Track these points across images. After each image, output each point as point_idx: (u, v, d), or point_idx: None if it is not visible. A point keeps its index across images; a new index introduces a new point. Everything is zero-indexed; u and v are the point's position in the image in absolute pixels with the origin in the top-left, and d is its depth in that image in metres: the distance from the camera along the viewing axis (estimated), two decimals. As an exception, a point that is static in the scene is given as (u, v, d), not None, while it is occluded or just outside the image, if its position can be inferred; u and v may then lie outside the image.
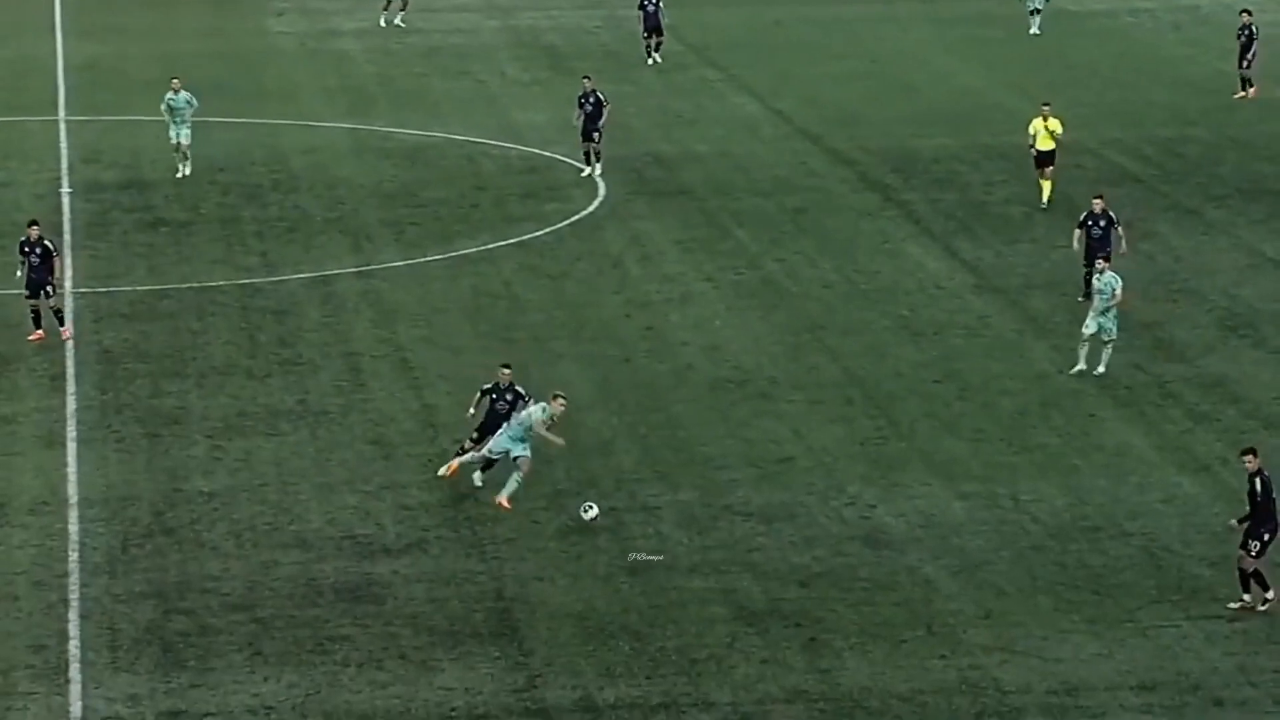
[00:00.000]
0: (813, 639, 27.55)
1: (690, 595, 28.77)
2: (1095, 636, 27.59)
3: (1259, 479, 27.98)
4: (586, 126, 49.65)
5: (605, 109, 49.66)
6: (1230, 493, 31.32)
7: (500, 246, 45.13)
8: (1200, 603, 28.49)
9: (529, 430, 31.19)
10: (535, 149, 52.93)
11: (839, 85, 60.31)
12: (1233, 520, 28.53)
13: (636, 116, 55.95)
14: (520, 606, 28.50)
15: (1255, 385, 36.78)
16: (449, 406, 35.67)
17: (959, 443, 34.18)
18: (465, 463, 31.80)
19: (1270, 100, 58.04)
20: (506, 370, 32.37)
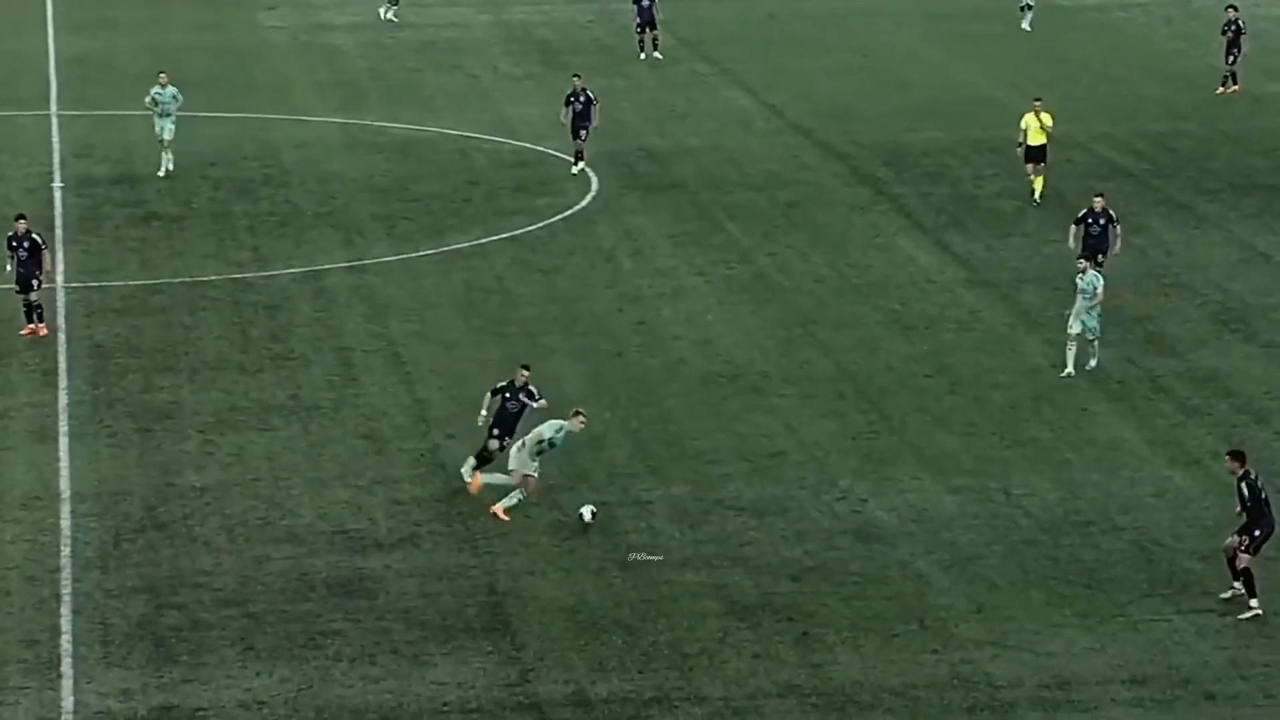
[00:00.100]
0: (805, 633, 27.56)
1: (682, 590, 28.78)
2: (1087, 630, 27.61)
3: (1244, 484, 27.89)
4: (575, 124, 49.51)
5: (595, 107, 49.52)
6: (1222, 487, 31.31)
7: (492, 241, 45.11)
8: (1191, 597, 28.51)
9: (540, 449, 30.49)
10: (527, 144, 52.90)
11: (831, 79, 60.31)
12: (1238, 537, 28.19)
13: (629, 111, 55.93)
14: (512, 601, 28.50)
15: (1247, 379, 36.81)
16: (441, 401, 35.68)
17: (950, 437, 34.20)
18: (490, 484, 30.91)
19: (1262, 95, 58.07)
20: (526, 371, 31.97)
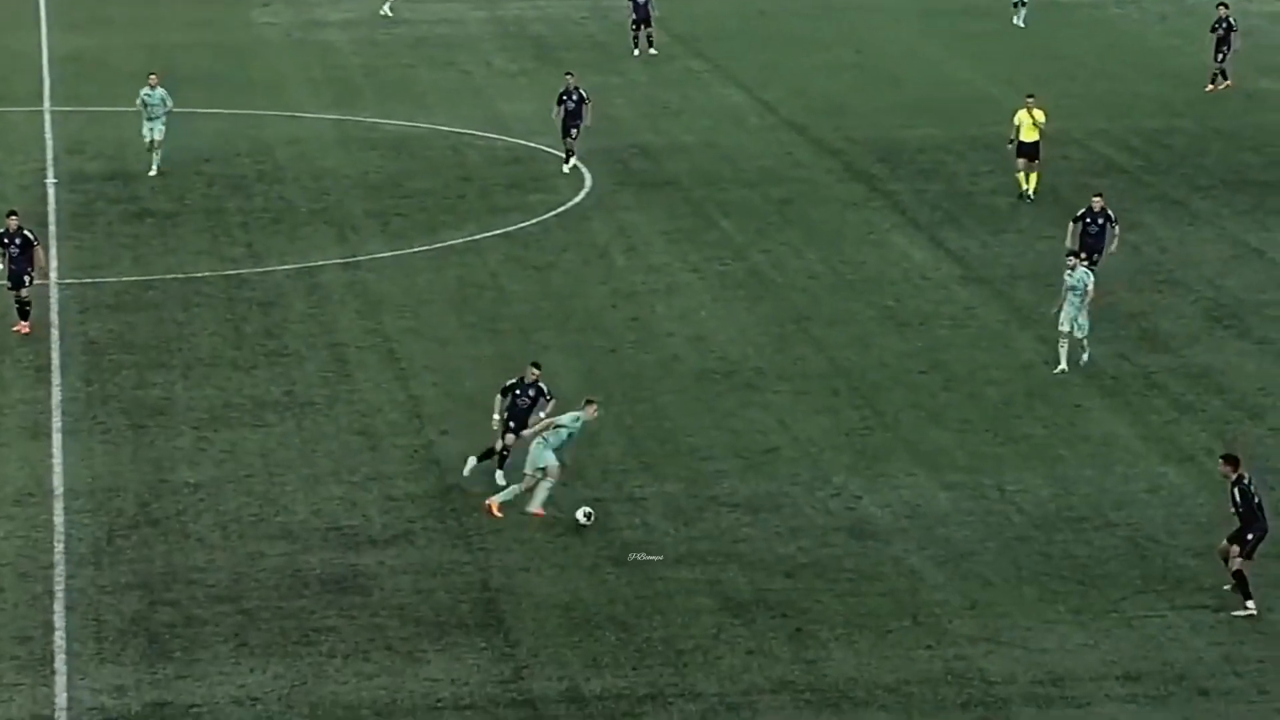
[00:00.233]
0: (799, 629, 27.56)
1: (676, 586, 28.77)
2: (1080, 626, 27.62)
3: (1236, 489, 27.87)
4: (566, 123, 49.38)
5: (587, 106, 49.43)
6: (1215, 483, 31.31)
7: (486, 237, 45.09)
8: (1185, 593, 28.52)
9: (564, 441, 30.42)
10: (521, 140, 52.88)
11: (825, 76, 60.30)
12: (1235, 548, 28.08)
13: (623, 107, 55.92)
14: (506, 597, 28.49)
15: (1240, 376, 36.83)
16: (435, 397, 35.67)
17: (944, 433, 34.20)
18: (506, 501, 30.57)
19: (1255, 91, 58.10)
20: (536, 370, 31.86)
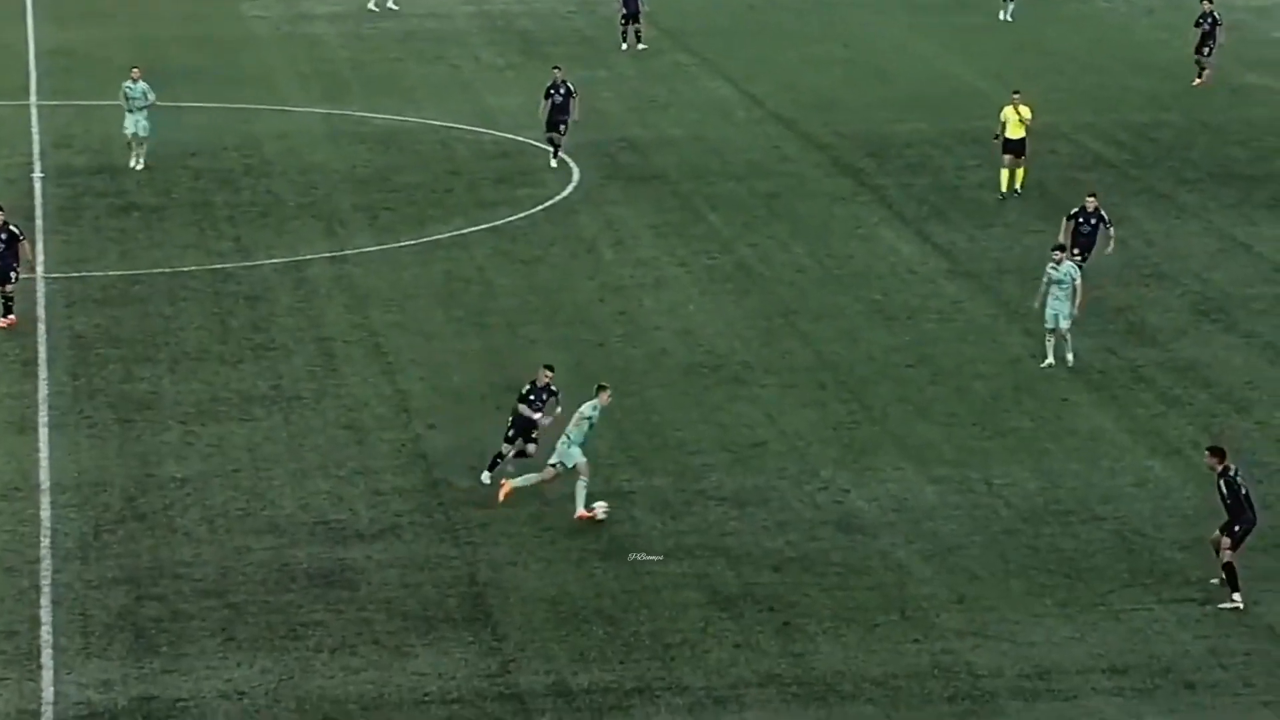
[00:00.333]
0: (786, 623, 27.57)
1: (664, 580, 28.78)
2: (1067, 620, 27.65)
3: (1223, 480, 27.91)
4: (554, 117, 49.27)
5: (574, 100, 49.36)
6: (1202, 477, 31.36)
7: (474, 231, 45.07)
8: (1172, 586, 28.56)
9: (586, 435, 30.35)
10: (509, 134, 52.85)
11: (813, 70, 60.30)
12: (1225, 539, 28.10)
13: (610, 101, 55.89)
14: (493, 591, 28.49)
15: (1227, 369, 36.88)
16: (422, 392, 35.66)
17: (932, 427, 34.22)
18: (520, 487, 30.60)
19: (1240, 85, 58.15)
20: (549, 372, 31.85)
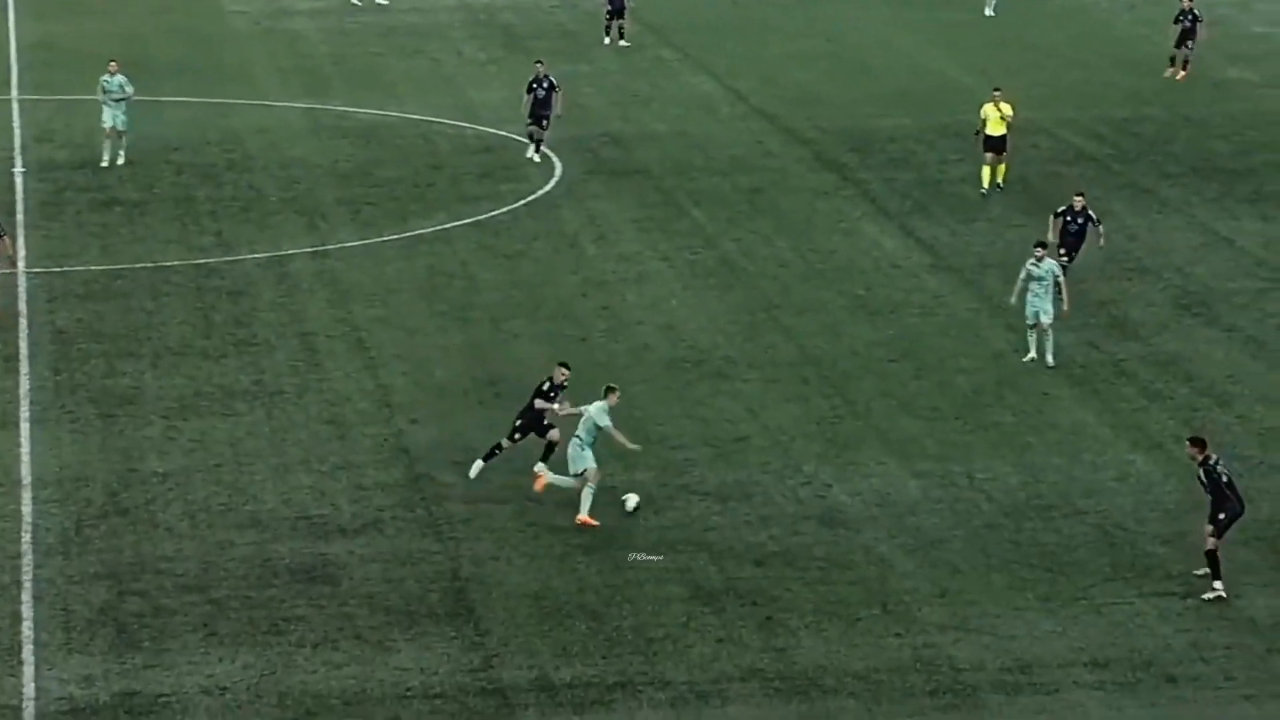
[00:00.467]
0: (769, 618, 27.59)
1: (646, 575, 28.79)
2: (1049, 614, 27.70)
3: (1202, 470, 27.97)
4: (536, 111, 49.15)
5: (557, 94, 49.28)
6: (1184, 470, 31.44)
7: (456, 226, 45.04)
8: (1153, 580, 28.61)
9: (595, 435, 30.27)
10: (491, 128, 52.82)
11: (796, 65, 60.31)
12: (1209, 527, 28.20)
13: (593, 96, 55.87)
14: (476, 586, 28.48)
15: (1208, 363, 36.95)
16: (404, 386, 35.64)
17: (914, 421, 34.26)
18: (555, 485, 30.47)
19: (1223, 79, 58.25)
20: (565, 370, 31.73)
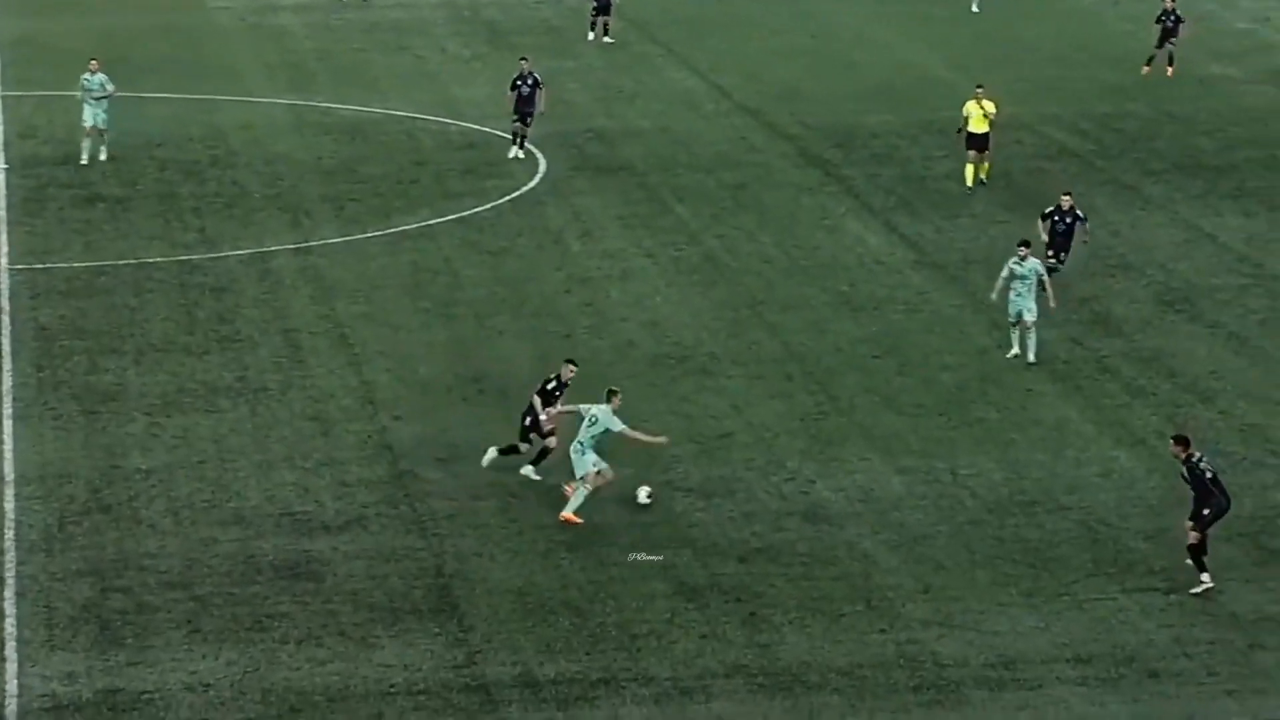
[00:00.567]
0: (752, 614, 27.60)
1: (630, 571, 28.79)
2: (1032, 609, 27.73)
3: (1185, 467, 28.03)
4: (520, 108, 49.02)
5: (541, 91, 49.21)
6: (1167, 466, 31.48)
7: (440, 222, 45.01)
8: (1136, 575, 28.66)
9: (598, 439, 30.12)
10: (475, 125, 52.79)
11: (780, 61, 60.33)
12: (1190, 522, 28.30)
13: (577, 92, 55.87)
14: (460, 583, 28.47)
15: (1191, 359, 37.01)
16: (388, 383, 35.61)
17: (898, 418, 34.28)
18: (579, 507, 30.11)
19: (1207, 76, 58.32)
20: (573, 367, 31.66)
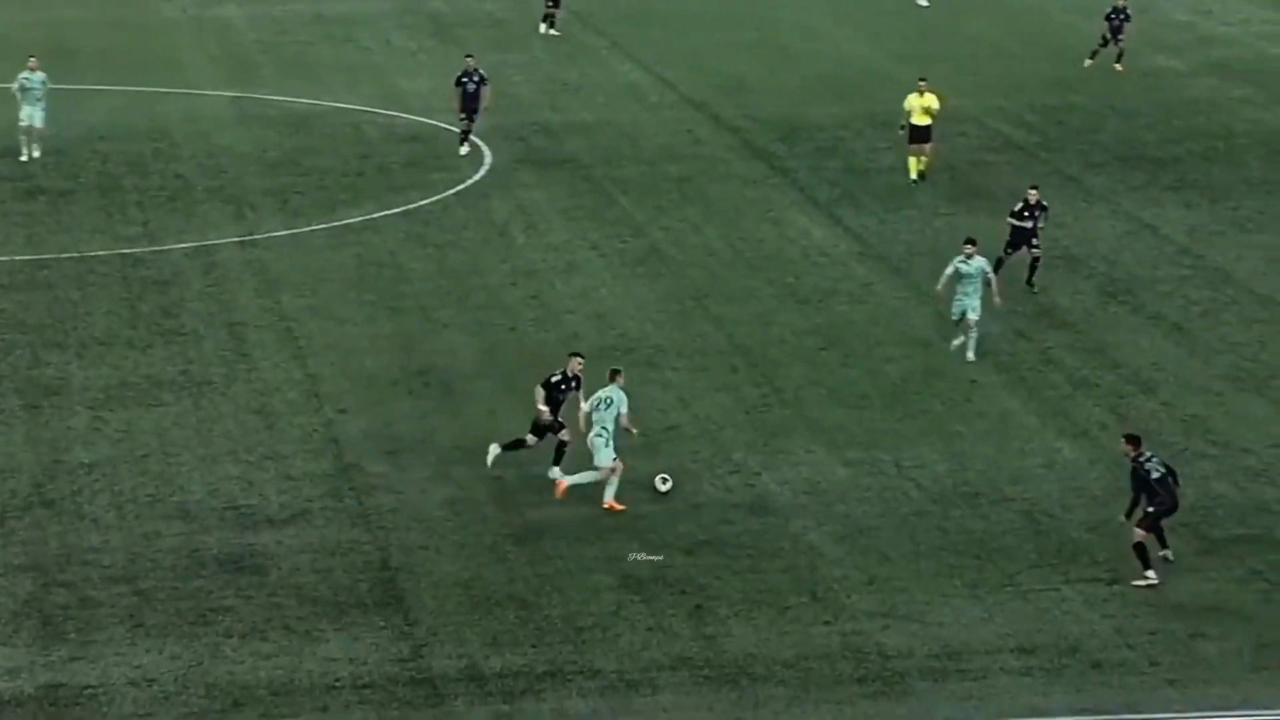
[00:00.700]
0: (698, 606, 27.64)
1: (576, 564, 28.79)
2: (976, 600, 27.84)
3: (1133, 466, 28.13)
4: (466, 105, 48.74)
5: (486, 88, 48.97)
6: (1110, 458, 31.67)
7: (385, 215, 44.90)
8: (1079, 566, 28.80)
9: (617, 424, 30.10)
10: (420, 117, 52.68)
11: (725, 53, 60.36)
12: (1121, 516, 28.64)
13: (522, 85, 55.79)
14: (405, 576, 28.43)
15: (1134, 351, 37.20)
16: (333, 376, 35.52)
17: (843, 409, 34.37)
18: (577, 484, 30.28)
19: (1151, 68, 58.60)
20: (580, 359, 31.51)
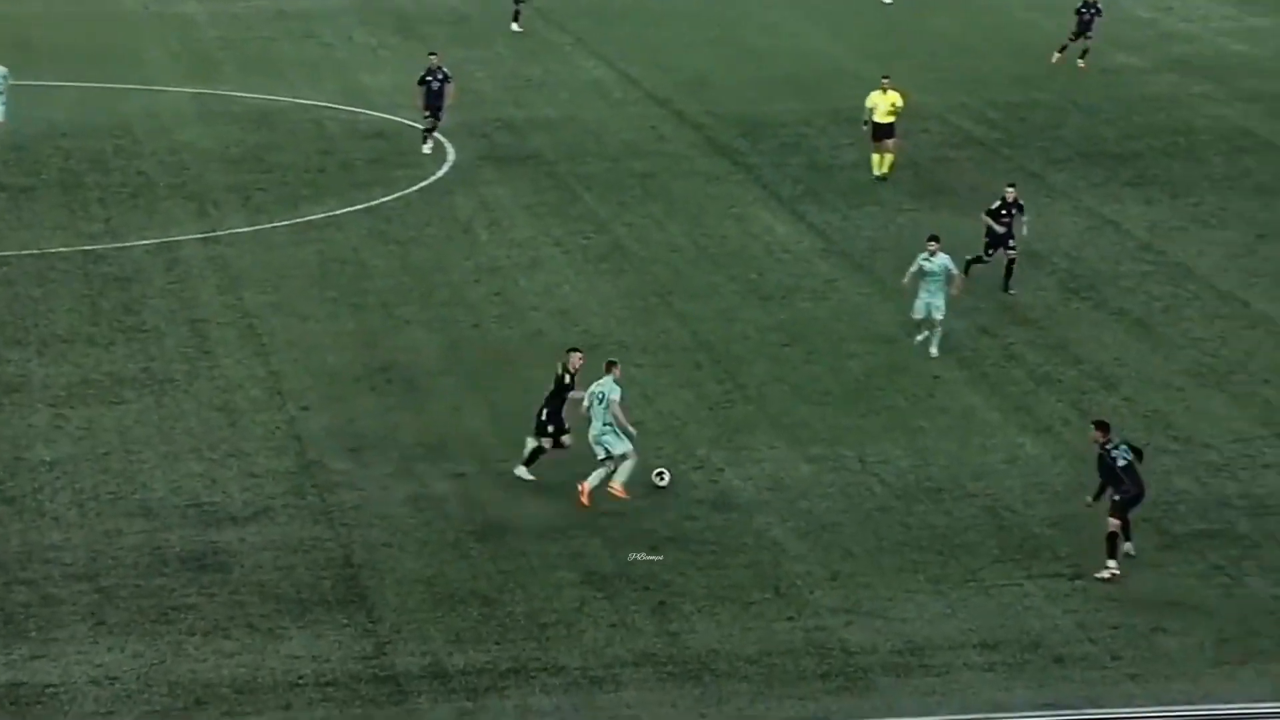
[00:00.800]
0: (661, 602, 27.65)
1: (539, 560, 28.78)
2: (939, 596, 27.90)
3: (1100, 453, 28.29)
4: (430, 103, 48.62)
5: (450, 86, 48.84)
6: (1072, 453, 31.78)
7: (347, 212, 44.82)
8: (1042, 561, 28.88)
9: (615, 411, 30.03)
10: (383, 114, 52.59)
11: (688, 50, 60.39)
12: (1088, 498, 28.82)
13: (485, 82, 55.74)
14: (368, 573, 28.39)
15: (1096, 346, 37.32)
16: (295, 373, 35.45)
17: (806, 405, 34.41)
18: (597, 486, 30.20)
19: (1112, 65, 58.79)
20: (579, 355, 31.48)
